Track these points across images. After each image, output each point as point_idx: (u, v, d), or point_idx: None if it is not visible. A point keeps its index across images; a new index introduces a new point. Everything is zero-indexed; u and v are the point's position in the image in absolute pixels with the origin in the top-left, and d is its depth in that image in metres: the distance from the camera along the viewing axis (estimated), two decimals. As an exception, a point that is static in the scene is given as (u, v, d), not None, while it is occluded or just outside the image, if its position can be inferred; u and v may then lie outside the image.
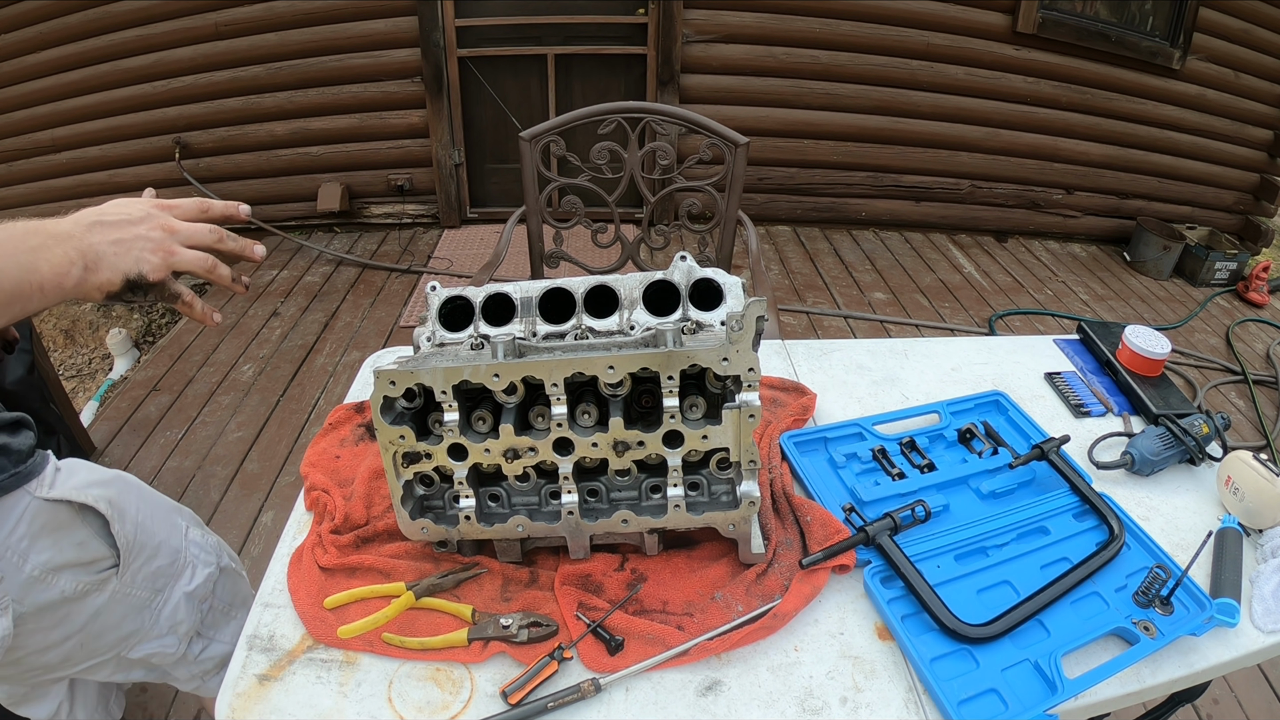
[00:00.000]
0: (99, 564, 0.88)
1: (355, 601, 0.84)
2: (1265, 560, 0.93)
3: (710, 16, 3.63)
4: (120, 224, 0.70)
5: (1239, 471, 0.99)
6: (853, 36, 3.72)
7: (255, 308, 3.29)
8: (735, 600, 0.85)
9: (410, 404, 0.82)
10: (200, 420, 2.62)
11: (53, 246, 0.65)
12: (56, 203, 3.96)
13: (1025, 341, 1.40)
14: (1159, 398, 1.21)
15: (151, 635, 0.97)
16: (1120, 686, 0.79)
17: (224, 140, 3.78)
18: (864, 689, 0.78)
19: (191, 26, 3.54)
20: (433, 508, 0.88)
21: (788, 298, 3.53)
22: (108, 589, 0.89)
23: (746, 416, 0.79)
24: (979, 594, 0.88)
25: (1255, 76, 4.17)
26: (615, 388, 0.80)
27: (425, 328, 0.89)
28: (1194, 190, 4.43)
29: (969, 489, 1.03)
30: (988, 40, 3.79)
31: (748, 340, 0.76)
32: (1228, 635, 0.85)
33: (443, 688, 0.77)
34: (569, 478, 0.82)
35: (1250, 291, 3.98)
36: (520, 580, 0.88)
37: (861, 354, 1.32)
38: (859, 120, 3.92)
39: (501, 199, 4.10)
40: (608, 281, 0.88)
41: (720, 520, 0.84)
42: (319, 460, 1.04)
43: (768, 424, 1.10)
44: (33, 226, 0.66)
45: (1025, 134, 4.05)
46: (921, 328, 3.40)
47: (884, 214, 4.21)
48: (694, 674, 0.79)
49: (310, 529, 0.93)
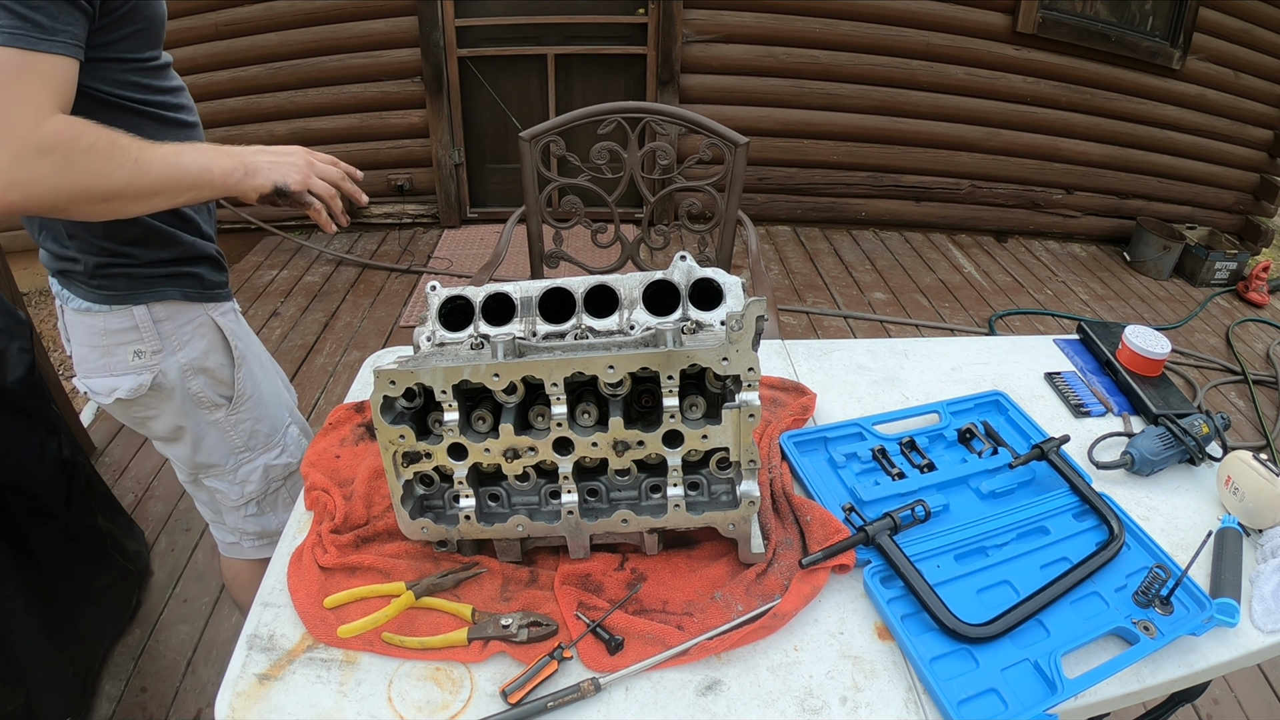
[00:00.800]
0: (220, 390, 1.16)
1: (355, 601, 0.84)
2: (1265, 560, 0.93)
3: (710, 16, 3.63)
4: (276, 153, 1.00)
5: (1239, 471, 0.99)
6: (853, 36, 3.72)
7: (255, 308, 3.29)
8: (735, 600, 0.85)
9: (410, 404, 0.82)
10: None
11: (224, 157, 0.94)
12: (56, 203, 3.96)
13: (1025, 341, 1.40)
14: (1159, 398, 1.21)
15: (226, 476, 1.24)
16: (1120, 686, 0.79)
17: (223, 140, 3.75)
18: (864, 689, 0.78)
19: (191, 26, 3.54)
20: (433, 507, 0.88)
21: (788, 298, 3.53)
22: (217, 414, 1.17)
23: (746, 416, 0.79)
24: (979, 594, 0.88)
25: (1255, 76, 4.17)
26: (615, 387, 0.80)
27: (425, 327, 0.89)
28: (1194, 190, 4.43)
29: (969, 489, 1.03)
30: (988, 40, 3.79)
31: (747, 340, 0.76)
32: (1228, 635, 0.85)
33: (443, 687, 0.77)
34: (569, 477, 0.82)
35: (1250, 291, 3.98)
36: (520, 580, 0.88)
37: (861, 354, 1.32)
38: (859, 120, 3.92)
39: (501, 199, 4.10)
40: (608, 281, 0.88)
41: (720, 520, 0.84)
42: (319, 460, 1.04)
43: (768, 424, 1.10)
44: (214, 146, 0.95)
45: (1025, 134, 4.06)
46: (921, 328, 3.40)
47: (884, 214, 4.21)
48: (694, 674, 0.79)
49: (310, 528, 0.93)
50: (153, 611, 1.92)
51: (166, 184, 0.91)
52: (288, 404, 1.30)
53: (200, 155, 0.93)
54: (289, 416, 1.29)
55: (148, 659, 1.80)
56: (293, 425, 1.30)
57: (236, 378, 1.17)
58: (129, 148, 0.88)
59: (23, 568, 1.49)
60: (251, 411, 1.21)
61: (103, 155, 0.86)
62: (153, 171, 0.90)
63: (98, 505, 1.78)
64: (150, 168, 0.89)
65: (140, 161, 0.88)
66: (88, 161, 0.85)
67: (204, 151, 0.94)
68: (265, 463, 1.26)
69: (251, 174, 0.96)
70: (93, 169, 0.86)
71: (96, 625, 1.75)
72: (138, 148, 0.89)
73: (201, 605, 1.94)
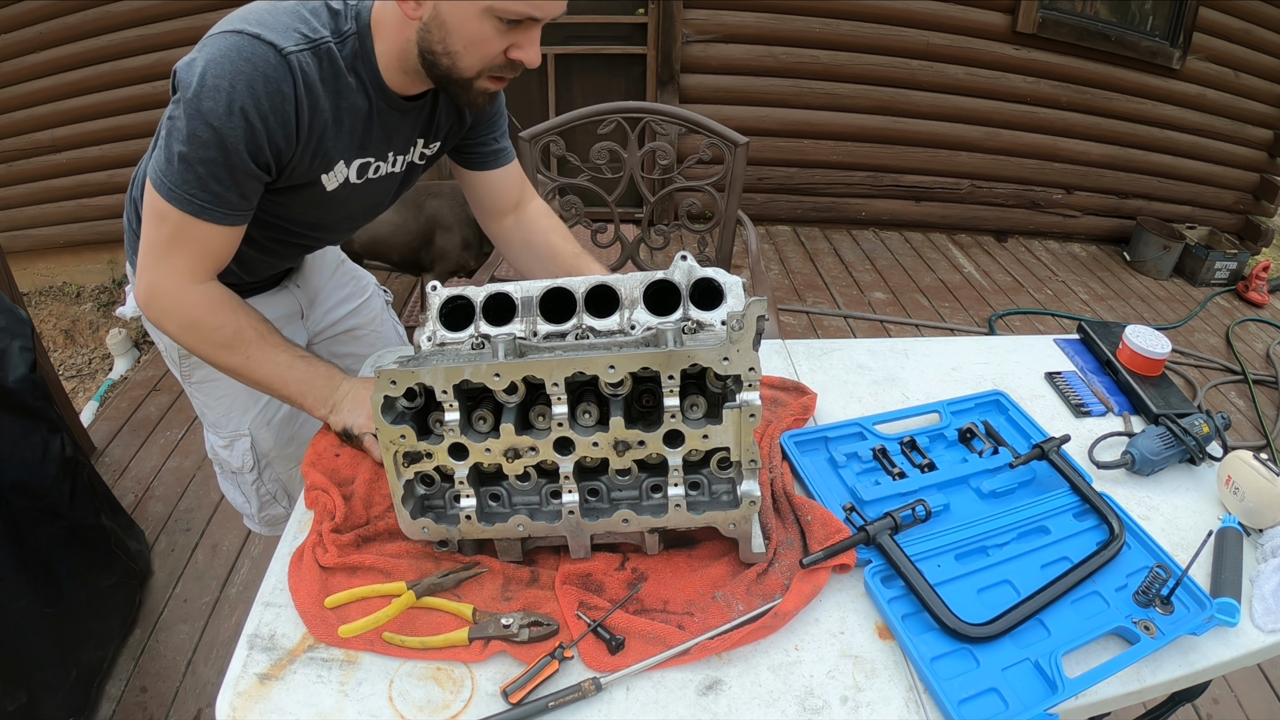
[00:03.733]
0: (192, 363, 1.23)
1: (356, 601, 0.84)
2: (1265, 560, 0.93)
3: (710, 16, 3.63)
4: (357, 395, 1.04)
5: (1239, 471, 0.99)
6: (853, 36, 3.71)
7: (255, 308, 3.29)
8: (736, 600, 0.85)
9: (411, 404, 0.82)
10: (200, 420, 2.62)
11: (320, 389, 1.03)
12: (57, 203, 3.96)
13: (1025, 341, 1.40)
14: (1159, 397, 1.21)
15: None
16: (1120, 686, 0.79)
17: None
18: (864, 688, 0.78)
19: (191, 26, 3.54)
20: (433, 507, 0.88)
21: (788, 298, 3.53)
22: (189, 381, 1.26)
23: (747, 416, 0.79)
24: (979, 593, 0.88)
25: (1255, 76, 4.17)
26: (616, 387, 0.80)
27: (426, 328, 0.89)
28: (1194, 190, 4.43)
29: (969, 488, 1.03)
30: (988, 40, 3.79)
31: (748, 340, 0.76)
32: (1228, 635, 0.85)
33: (443, 687, 0.77)
34: (570, 477, 0.82)
35: (1250, 291, 3.98)
36: (521, 579, 0.88)
37: (862, 354, 1.32)
38: (859, 120, 3.92)
39: (501, 199, 4.09)
40: (608, 281, 0.88)
41: (721, 520, 0.84)
42: (319, 459, 1.04)
43: (768, 423, 1.10)
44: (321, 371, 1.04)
45: (1025, 134, 4.05)
46: (921, 327, 3.40)
47: (884, 214, 4.21)
48: (695, 673, 0.79)
49: (310, 528, 0.93)
50: (153, 611, 1.92)
51: (265, 386, 1.03)
52: (249, 424, 1.29)
53: (303, 379, 1.02)
54: (248, 431, 1.30)
55: (148, 659, 1.80)
56: (247, 440, 1.31)
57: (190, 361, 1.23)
58: (247, 345, 0.99)
59: (27, 568, 1.49)
60: (204, 396, 1.28)
61: (222, 342, 0.98)
62: (257, 373, 1.01)
63: (100, 504, 1.78)
64: (256, 371, 1.01)
65: (251, 361, 1.00)
66: (208, 339, 0.98)
67: (308, 376, 1.03)
68: (211, 443, 1.34)
69: (335, 413, 1.03)
70: (207, 347, 0.99)
71: (104, 626, 1.75)
72: (256, 346, 0.99)
73: (201, 605, 1.94)
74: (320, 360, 1.06)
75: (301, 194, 1.00)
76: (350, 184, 1.03)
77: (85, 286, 4.08)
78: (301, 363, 1.03)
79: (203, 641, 1.85)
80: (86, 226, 4.01)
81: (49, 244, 4.06)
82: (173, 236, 0.92)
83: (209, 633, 1.87)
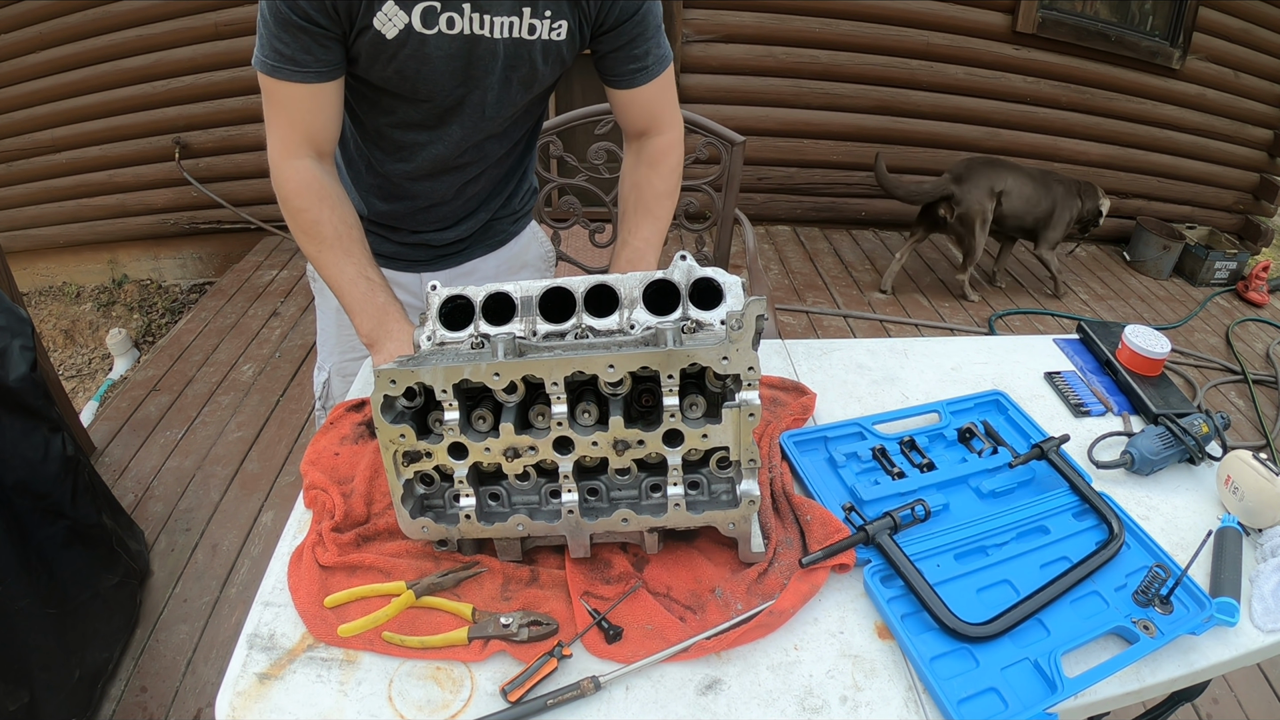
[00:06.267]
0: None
1: (355, 600, 0.84)
2: (1265, 559, 0.93)
3: (710, 16, 3.63)
4: (387, 357, 1.05)
5: (1239, 471, 0.99)
6: (853, 36, 3.72)
7: (255, 308, 3.29)
8: (735, 599, 0.85)
9: (410, 403, 0.82)
10: (200, 420, 2.62)
11: (368, 321, 1.07)
12: (56, 203, 3.96)
13: (1025, 341, 1.40)
14: (1159, 397, 1.21)
15: None
16: (1120, 685, 0.79)
17: (224, 140, 3.78)
18: (864, 688, 0.78)
19: (191, 26, 3.54)
20: (433, 506, 0.88)
21: (787, 297, 3.53)
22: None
23: (746, 415, 0.79)
24: (979, 593, 0.88)
25: (1255, 76, 4.17)
26: (615, 387, 0.80)
27: (426, 327, 0.89)
28: (1194, 190, 4.43)
29: (969, 488, 1.03)
30: (988, 40, 3.79)
31: (747, 339, 0.76)
32: (1227, 634, 0.85)
33: (443, 686, 0.77)
34: (569, 476, 0.82)
35: (1250, 291, 3.98)
36: (520, 579, 0.88)
37: (861, 353, 1.32)
38: (859, 120, 3.92)
39: (501, 199, 4.10)
40: (608, 281, 0.88)
41: (720, 519, 0.84)
42: (318, 458, 1.04)
43: (768, 423, 1.10)
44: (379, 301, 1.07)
45: (1025, 134, 4.06)
46: (921, 327, 3.40)
47: (884, 214, 4.21)
48: (694, 672, 0.79)
49: (310, 527, 0.93)
50: (153, 611, 1.92)
51: (331, 287, 1.10)
52: (333, 360, 1.39)
53: (358, 299, 1.07)
54: (328, 370, 1.40)
55: (148, 659, 1.80)
56: (325, 375, 1.41)
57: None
58: (321, 240, 1.05)
59: (30, 568, 1.49)
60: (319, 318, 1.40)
61: (303, 227, 1.06)
62: (324, 271, 1.09)
63: (101, 504, 1.78)
64: (324, 270, 1.08)
65: (321, 256, 1.07)
66: (293, 219, 1.06)
67: (362, 300, 1.07)
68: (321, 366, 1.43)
69: (372, 348, 1.08)
70: (293, 226, 1.07)
71: (108, 626, 1.75)
72: (329, 244, 1.06)
73: (201, 605, 1.94)
74: (382, 290, 1.08)
75: (366, 50, 0.98)
76: (415, 32, 0.96)
77: (85, 286, 4.09)
78: (364, 283, 1.06)
79: (202, 641, 1.85)
80: (86, 226, 4.01)
81: (49, 244, 4.07)
82: (267, 104, 1.00)
83: (209, 633, 1.87)
